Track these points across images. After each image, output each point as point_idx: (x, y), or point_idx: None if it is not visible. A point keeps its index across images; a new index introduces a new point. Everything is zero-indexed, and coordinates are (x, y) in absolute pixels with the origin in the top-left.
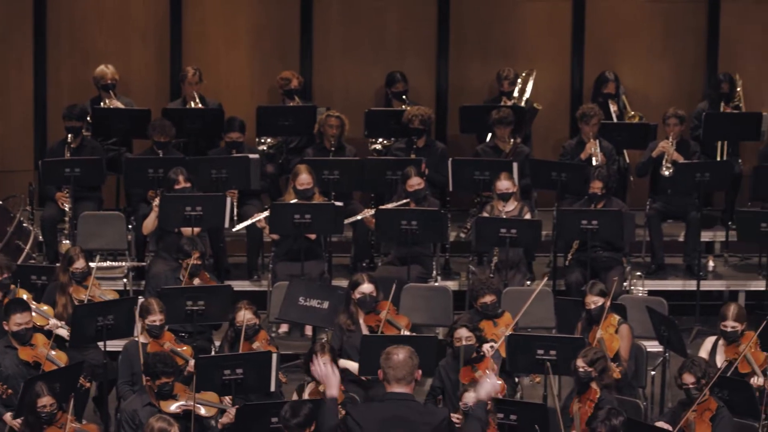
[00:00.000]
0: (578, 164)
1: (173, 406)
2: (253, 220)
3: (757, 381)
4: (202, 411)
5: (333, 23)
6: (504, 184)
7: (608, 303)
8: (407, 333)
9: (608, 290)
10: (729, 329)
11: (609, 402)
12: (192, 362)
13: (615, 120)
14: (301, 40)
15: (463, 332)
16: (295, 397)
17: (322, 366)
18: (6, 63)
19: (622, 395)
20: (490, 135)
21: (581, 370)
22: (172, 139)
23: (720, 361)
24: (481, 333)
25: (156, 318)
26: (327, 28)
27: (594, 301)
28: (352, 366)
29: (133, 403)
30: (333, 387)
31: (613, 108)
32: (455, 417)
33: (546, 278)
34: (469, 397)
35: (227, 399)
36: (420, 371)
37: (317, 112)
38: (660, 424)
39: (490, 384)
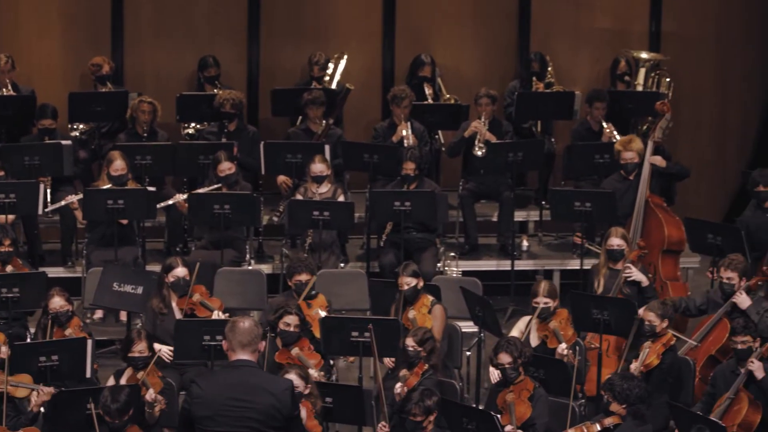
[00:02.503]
0: (390, 146)
1: None
2: (66, 202)
3: (561, 350)
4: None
5: (144, 8)
6: (318, 167)
7: (421, 283)
8: (221, 315)
9: (421, 271)
10: (541, 305)
11: (431, 383)
12: (4, 349)
13: (430, 102)
14: (113, 26)
15: (290, 319)
16: (112, 382)
17: None
18: None
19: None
20: (301, 118)
21: (411, 349)
22: None
23: (534, 340)
24: (303, 316)
25: None
26: (138, 13)
27: (407, 282)
28: (167, 350)
29: None
30: None
31: (428, 91)
32: None
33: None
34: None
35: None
36: (263, 343)
37: (129, 97)
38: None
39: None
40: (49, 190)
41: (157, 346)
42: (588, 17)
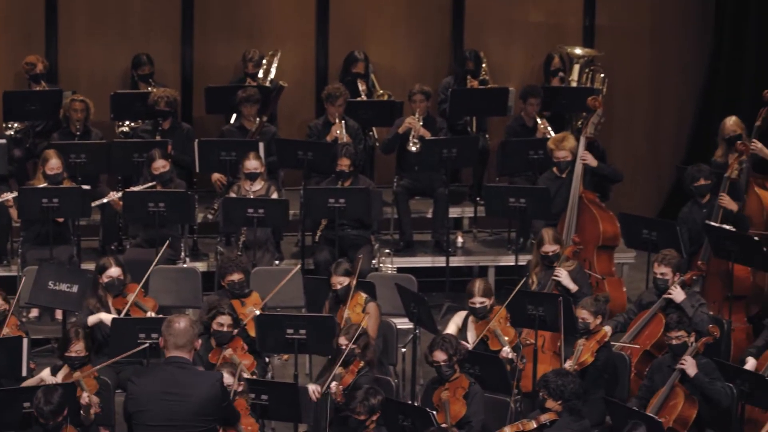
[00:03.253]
0: (324, 143)
1: None
2: (1, 200)
3: (506, 353)
4: None
5: (78, 7)
6: (252, 165)
7: (354, 282)
8: (153, 315)
9: (354, 269)
10: (477, 305)
11: (367, 380)
12: None
13: (365, 99)
14: (47, 24)
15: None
16: (48, 374)
17: None
18: None
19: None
20: (235, 115)
21: (344, 347)
22: None
23: (471, 337)
24: (236, 315)
25: None
26: (72, 11)
27: (340, 282)
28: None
29: None
30: None
31: (362, 87)
32: None
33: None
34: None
35: None
36: (200, 341)
37: (63, 95)
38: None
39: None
40: None
41: (105, 317)
42: (522, 12)
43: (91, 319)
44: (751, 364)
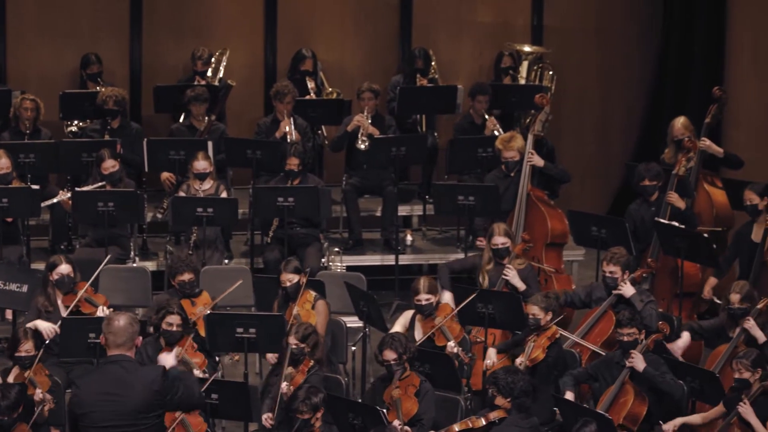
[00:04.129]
0: (273, 141)
1: None
2: None
3: (451, 348)
4: None
5: (26, 6)
6: (201, 164)
7: (304, 280)
8: (105, 311)
9: (304, 267)
10: (423, 302)
11: (317, 379)
12: None
13: (313, 97)
14: None
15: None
16: None
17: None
18: None
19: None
20: (184, 114)
21: (294, 346)
22: None
23: (418, 335)
24: (185, 315)
25: None
26: (20, 11)
27: (289, 279)
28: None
29: None
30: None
31: (310, 85)
32: None
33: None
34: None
35: None
36: (141, 338)
37: (12, 95)
38: None
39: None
40: None
41: (40, 324)
42: (470, 11)
43: (28, 325)
44: (684, 338)
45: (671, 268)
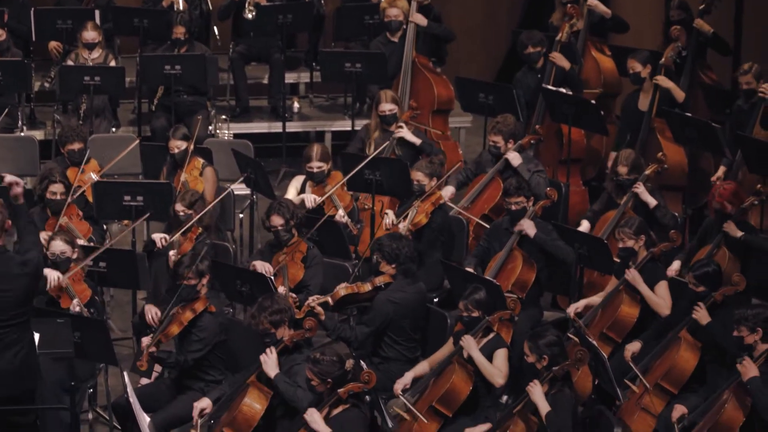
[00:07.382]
0: (160, 10)
1: None
2: None
3: (340, 217)
4: None
5: None
6: (90, 35)
7: (191, 147)
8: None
9: (191, 134)
10: (315, 170)
11: (204, 246)
12: None
13: None
14: None
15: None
16: None
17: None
18: None
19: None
20: None
21: (181, 213)
22: None
23: (309, 201)
24: (69, 183)
25: None
26: None
27: (177, 146)
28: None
29: None
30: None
31: None
32: None
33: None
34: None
35: None
36: (9, 221)
37: None
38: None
39: None
40: None
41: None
42: None
43: None
44: (584, 227)
45: (556, 133)
